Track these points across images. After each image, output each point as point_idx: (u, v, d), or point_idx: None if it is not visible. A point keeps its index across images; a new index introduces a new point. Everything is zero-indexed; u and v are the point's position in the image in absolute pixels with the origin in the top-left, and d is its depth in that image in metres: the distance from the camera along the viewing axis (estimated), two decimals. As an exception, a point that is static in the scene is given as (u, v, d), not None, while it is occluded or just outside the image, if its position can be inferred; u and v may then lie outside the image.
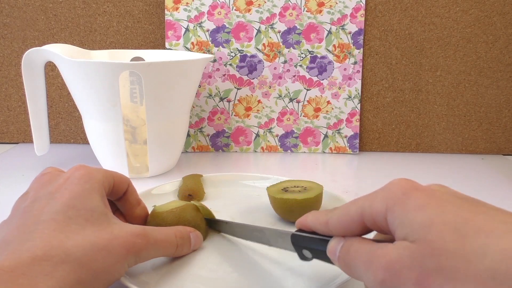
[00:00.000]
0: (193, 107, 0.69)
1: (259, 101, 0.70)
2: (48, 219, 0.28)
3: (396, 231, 0.23)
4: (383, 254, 0.23)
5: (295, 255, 0.31)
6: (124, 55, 0.65)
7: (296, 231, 0.31)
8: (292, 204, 0.41)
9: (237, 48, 0.68)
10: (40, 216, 0.28)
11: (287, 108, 0.70)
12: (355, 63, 0.69)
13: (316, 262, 0.37)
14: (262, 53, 0.68)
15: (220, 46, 0.67)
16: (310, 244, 0.29)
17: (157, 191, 0.48)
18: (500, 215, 0.21)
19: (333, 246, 0.27)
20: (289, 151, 0.71)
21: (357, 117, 0.70)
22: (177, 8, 0.66)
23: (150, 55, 0.65)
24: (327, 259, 0.28)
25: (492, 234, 0.20)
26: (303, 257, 0.31)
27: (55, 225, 0.27)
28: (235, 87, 0.69)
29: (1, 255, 0.25)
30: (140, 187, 0.43)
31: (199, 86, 0.68)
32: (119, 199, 0.37)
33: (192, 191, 0.48)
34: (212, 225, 0.41)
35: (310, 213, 0.30)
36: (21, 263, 0.25)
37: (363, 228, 0.26)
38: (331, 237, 0.28)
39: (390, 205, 0.23)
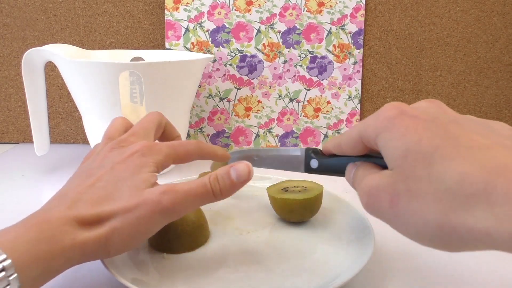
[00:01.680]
0: (193, 107, 0.69)
1: (259, 101, 0.70)
2: (101, 186, 0.32)
3: (384, 158, 0.26)
4: (368, 181, 0.27)
5: (296, 254, 0.31)
6: (124, 55, 0.65)
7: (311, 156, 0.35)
8: (292, 204, 0.41)
9: (237, 48, 0.68)
10: (97, 182, 0.32)
11: (287, 108, 0.70)
12: (355, 63, 0.69)
13: (316, 262, 0.37)
14: (262, 53, 0.68)
15: (220, 46, 0.67)
16: (318, 155, 0.34)
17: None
18: (469, 138, 0.23)
19: (349, 171, 0.31)
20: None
21: (357, 117, 0.70)
22: (177, 8, 0.66)
23: (150, 55, 0.65)
24: (331, 171, 0.33)
25: (454, 160, 0.22)
26: (309, 169, 0.35)
27: (103, 192, 0.31)
28: (235, 87, 0.69)
29: (58, 206, 0.30)
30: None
31: (199, 86, 0.68)
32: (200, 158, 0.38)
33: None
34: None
35: (329, 140, 0.35)
36: (66, 218, 0.29)
37: (367, 148, 0.29)
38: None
39: (379, 132, 0.26)
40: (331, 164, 0.34)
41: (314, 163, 0.35)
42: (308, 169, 0.35)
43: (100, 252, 0.30)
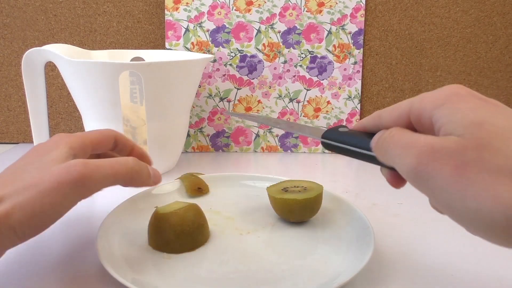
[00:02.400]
0: (193, 107, 0.69)
1: (259, 101, 0.70)
2: (7, 175, 0.31)
3: (442, 128, 0.24)
4: (427, 140, 0.23)
5: (296, 254, 0.31)
6: (124, 55, 0.65)
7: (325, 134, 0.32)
8: (292, 204, 0.41)
9: (237, 48, 0.68)
10: (5, 173, 0.32)
11: (287, 108, 0.70)
12: (355, 63, 0.69)
13: (316, 262, 0.37)
14: (262, 53, 0.68)
15: (220, 46, 0.67)
16: (339, 150, 0.31)
17: (157, 191, 0.48)
18: None
19: (376, 136, 0.28)
20: (289, 151, 0.71)
21: (357, 117, 0.70)
22: (177, 8, 0.66)
23: (150, 55, 0.65)
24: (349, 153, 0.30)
25: None
26: (325, 143, 0.32)
27: (11, 177, 0.30)
28: (235, 87, 0.69)
29: None
30: (140, 188, 0.43)
31: (199, 86, 0.68)
32: (112, 150, 0.38)
33: (200, 184, 0.49)
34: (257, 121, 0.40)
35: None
36: None
37: (409, 126, 0.27)
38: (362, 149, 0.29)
39: (439, 104, 0.24)
40: (354, 138, 0.30)
41: (342, 128, 0.31)
42: (331, 136, 0.32)
43: (5, 231, 0.28)
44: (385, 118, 0.28)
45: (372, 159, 0.29)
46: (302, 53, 0.68)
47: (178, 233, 0.37)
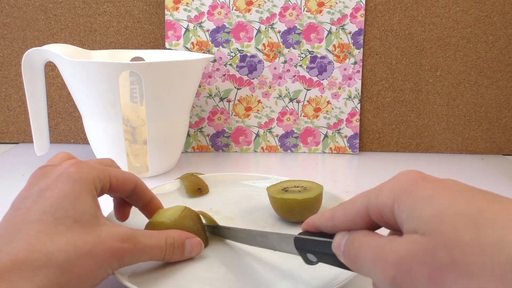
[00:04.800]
0: (193, 107, 0.69)
1: (259, 101, 0.70)
2: (35, 219, 0.27)
3: (405, 224, 0.21)
4: (392, 249, 0.21)
5: (297, 256, 0.31)
6: (124, 55, 0.65)
7: (300, 233, 0.30)
8: (292, 204, 0.41)
9: (237, 48, 0.68)
10: (28, 216, 0.27)
11: (287, 108, 0.70)
12: (355, 63, 0.69)
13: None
14: (262, 53, 0.68)
15: (220, 46, 0.67)
16: (314, 247, 0.28)
17: (157, 191, 0.48)
18: (509, 201, 0.20)
19: (338, 241, 0.26)
20: (289, 151, 0.71)
21: (357, 117, 0.70)
22: (177, 8, 0.66)
23: (150, 55, 0.65)
24: (332, 262, 0.27)
25: (510, 224, 0.18)
26: (308, 261, 0.30)
27: (41, 226, 0.27)
28: (235, 87, 0.69)
29: None
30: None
31: (199, 86, 0.68)
32: (128, 197, 0.36)
33: (200, 184, 0.49)
34: (214, 232, 0.40)
35: (316, 214, 0.29)
36: (2, 266, 0.24)
37: (369, 222, 0.24)
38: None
39: (397, 196, 0.22)
40: (314, 243, 0.28)
41: (311, 257, 0.29)
42: (308, 262, 0.30)
43: None
44: (339, 219, 0.26)
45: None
46: (302, 53, 0.68)
47: None
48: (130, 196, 0.36)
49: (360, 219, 0.25)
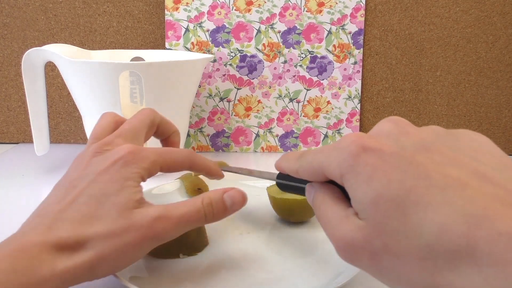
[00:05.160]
0: (193, 107, 0.69)
1: (259, 101, 0.70)
2: (82, 201, 0.29)
3: (352, 201, 0.23)
4: (341, 234, 0.23)
5: (296, 254, 0.31)
6: (124, 55, 0.65)
7: (279, 175, 0.34)
8: (292, 204, 0.41)
9: (237, 48, 0.68)
10: (79, 197, 0.30)
11: (287, 108, 0.70)
12: (355, 63, 0.69)
13: (316, 262, 0.37)
14: (262, 53, 0.68)
15: (220, 46, 0.67)
16: (293, 190, 0.33)
17: (157, 191, 0.48)
18: (441, 173, 0.21)
19: (307, 194, 0.29)
20: (289, 151, 0.71)
21: (357, 117, 0.70)
22: (177, 8, 0.66)
23: (150, 55, 0.65)
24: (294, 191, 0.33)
25: (430, 206, 0.20)
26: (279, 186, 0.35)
27: (86, 209, 0.29)
28: (235, 87, 0.69)
29: (36, 228, 0.28)
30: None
31: (199, 86, 0.68)
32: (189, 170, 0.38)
33: (200, 184, 0.49)
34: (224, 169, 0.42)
35: (284, 156, 0.32)
36: (49, 243, 0.27)
37: (329, 179, 0.26)
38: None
39: (343, 173, 0.24)
40: (292, 187, 0.33)
41: (279, 184, 0.35)
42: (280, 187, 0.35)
43: (84, 278, 0.28)
44: (303, 175, 0.28)
45: None
46: (302, 53, 0.68)
47: (174, 244, 0.36)
48: (188, 170, 0.37)
49: (321, 177, 0.27)
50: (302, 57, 0.68)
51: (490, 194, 0.19)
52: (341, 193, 0.26)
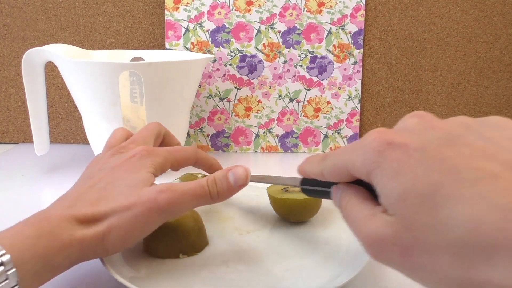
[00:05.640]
0: (193, 107, 0.69)
1: (259, 101, 0.70)
2: (101, 187, 0.33)
3: (380, 198, 0.23)
4: (369, 231, 0.23)
5: (296, 254, 0.31)
6: (124, 55, 0.65)
7: (303, 180, 0.33)
8: (292, 204, 0.41)
9: (237, 48, 0.68)
10: (98, 183, 0.33)
11: (287, 108, 0.70)
12: (355, 63, 0.69)
13: (316, 262, 0.37)
14: (262, 53, 0.68)
15: (220, 46, 0.67)
16: (317, 195, 0.33)
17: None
18: (471, 166, 0.20)
19: (333, 196, 0.29)
20: (289, 151, 0.71)
21: (357, 117, 0.70)
22: (177, 8, 0.66)
23: (150, 55, 0.65)
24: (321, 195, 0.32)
25: (461, 201, 0.19)
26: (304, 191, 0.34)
27: (103, 193, 0.32)
28: (235, 87, 0.69)
29: (59, 206, 0.32)
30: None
31: (199, 86, 0.68)
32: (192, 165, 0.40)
33: None
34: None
35: (307, 160, 0.31)
36: (65, 216, 0.30)
37: (356, 177, 0.26)
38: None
39: (370, 170, 0.23)
40: (317, 192, 0.32)
41: (304, 190, 0.34)
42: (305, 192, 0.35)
43: (99, 249, 0.30)
44: (328, 177, 0.28)
45: None
46: (302, 53, 0.68)
47: (174, 244, 0.36)
48: (193, 165, 0.40)
49: (346, 177, 0.26)
50: (302, 57, 0.68)
51: None
52: (368, 193, 0.26)
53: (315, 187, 0.32)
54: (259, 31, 0.67)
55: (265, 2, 0.67)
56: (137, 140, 0.38)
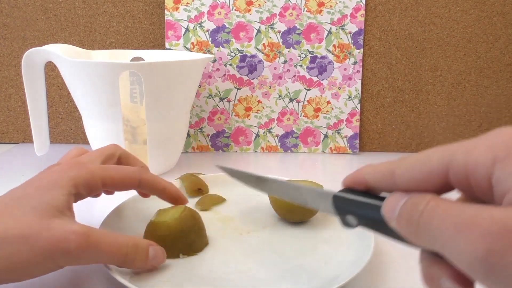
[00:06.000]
0: (193, 107, 0.69)
1: (259, 101, 0.70)
2: (3, 202, 0.29)
3: (510, 193, 0.17)
4: (495, 217, 0.16)
5: (296, 254, 0.31)
6: (124, 55, 0.65)
7: (341, 190, 0.25)
8: (292, 204, 0.41)
9: (237, 48, 0.68)
10: (3, 199, 0.29)
11: (287, 108, 0.70)
12: (355, 63, 0.69)
13: (316, 262, 0.37)
14: (262, 53, 0.68)
15: (220, 46, 0.67)
16: (357, 209, 0.24)
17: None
18: None
19: (392, 203, 0.21)
20: (289, 151, 0.71)
21: (357, 117, 0.70)
22: (177, 8, 0.66)
23: (150, 55, 0.65)
24: (377, 228, 0.23)
25: None
26: (346, 224, 0.25)
27: (3, 209, 0.28)
28: (235, 87, 0.69)
29: None
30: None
31: (199, 86, 0.68)
32: (137, 190, 0.36)
33: (200, 184, 0.49)
34: (246, 182, 0.34)
35: (365, 166, 0.24)
36: None
37: (442, 185, 0.20)
38: (382, 200, 0.22)
39: (500, 157, 0.18)
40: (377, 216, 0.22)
41: (351, 220, 0.24)
42: (346, 225, 0.25)
43: None
44: (403, 177, 0.21)
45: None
46: (302, 53, 0.68)
47: (174, 244, 0.36)
48: (138, 189, 0.36)
49: (434, 180, 0.20)
50: (302, 57, 0.68)
51: None
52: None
53: (361, 198, 0.23)
54: (259, 31, 0.67)
55: (265, 2, 0.67)
56: (82, 159, 0.34)
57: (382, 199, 0.22)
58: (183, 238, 0.37)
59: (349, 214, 0.24)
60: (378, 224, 0.22)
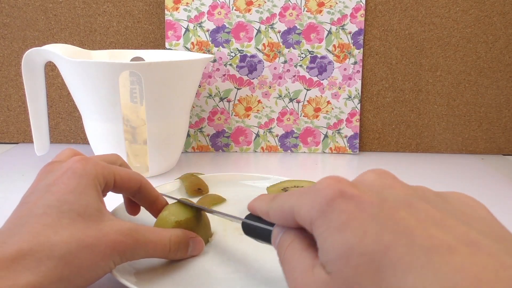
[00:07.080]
0: (193, 107, 0.69)
1: (259, 101, 0.70)
2: (40, 212, 0.28)
3: (319, 251, 0.21)
4: (299, 283, 0.22)
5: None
6: (124, 55, 0.65)
7: (248, 216, 0.31)
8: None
9: (237, 48, 0.68)
10: (34, 209, 0.28)
11: (287, 108, 0.70)
12: (355, 63, 0.69)
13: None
14: (262, 53, 0.68)
15: (220, 46, 0.67)
16: (257, 234, 0.30)
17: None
18: (426, 233, 0.18)
19: (274, 236, 0.27)
20: (289, 151, 0.71)
21: (357, 117, 0.70)
22: (177, 8, 0.66)
23: (150, 55, 0.65)
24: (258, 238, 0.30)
25: (410, 270, 0.17)
26: (258, 240, 0.31)
27: (46, 219, 0.27)
28: (235, 87, 0.69)
29: None
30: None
31: (199, 86, 0.68)
32: (134, 195, 0.36)
33: (200, 184, 0.49)
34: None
35: (258, 197, 0.30)
36: (6, 256, 0.25)
37: (298, 225, 0.24)
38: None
39: (314, 218, 0.21)
40: (257, 230, 0.29)
41: (258, 240, 0.31)
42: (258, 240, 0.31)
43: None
44: (274, 216, 0.26)
45: None
46: (302, 53, 0.68)
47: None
48: (135, 195, 0.36)
49: (291, 222, 0.24)
50: (302, 57, 0.68)
51: (481, 265, 0.17)
52: (312, 240, 0.23)
53: (255, 223, 0.29)
54: (259, 31, 0.67)
55: (265, 2, 0.67)
56: (77, 156, 0.34)
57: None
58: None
59: (253, 236, 0.31)
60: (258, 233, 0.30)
